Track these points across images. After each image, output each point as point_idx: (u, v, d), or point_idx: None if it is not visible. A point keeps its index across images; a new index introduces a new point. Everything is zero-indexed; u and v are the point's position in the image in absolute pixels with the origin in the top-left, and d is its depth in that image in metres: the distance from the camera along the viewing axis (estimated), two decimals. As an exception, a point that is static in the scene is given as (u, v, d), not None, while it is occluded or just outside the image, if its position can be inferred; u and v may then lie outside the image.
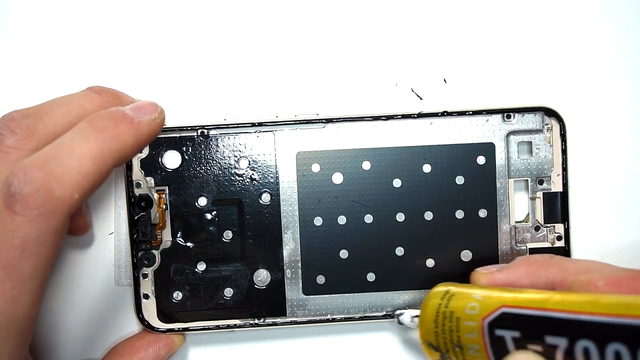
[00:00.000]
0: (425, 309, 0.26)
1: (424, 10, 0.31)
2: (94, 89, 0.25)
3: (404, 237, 0.29)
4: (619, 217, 0.31)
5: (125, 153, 0.22)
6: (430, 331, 0.25)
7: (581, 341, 0.19)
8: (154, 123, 0.23)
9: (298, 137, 0.29)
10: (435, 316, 0.25)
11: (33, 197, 0.19)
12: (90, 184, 0.21)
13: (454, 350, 0.24)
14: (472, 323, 0.23)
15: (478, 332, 0.23)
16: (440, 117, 0.29)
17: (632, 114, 0.31)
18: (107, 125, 0.21)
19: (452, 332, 0.24)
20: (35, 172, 0.20)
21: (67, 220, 0.20)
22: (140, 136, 0.22)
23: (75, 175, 0.20)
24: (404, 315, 0.28)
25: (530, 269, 0.25)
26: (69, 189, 0.20)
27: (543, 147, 0.29)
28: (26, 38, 0.30)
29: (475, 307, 0.23)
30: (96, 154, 0.21)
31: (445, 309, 0.24)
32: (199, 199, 0.29)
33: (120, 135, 0.22)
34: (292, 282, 0.29)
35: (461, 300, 0.24)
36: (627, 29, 0.31)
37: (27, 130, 0.22)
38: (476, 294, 0.24)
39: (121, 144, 0.21)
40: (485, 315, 0.23)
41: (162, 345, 0.28)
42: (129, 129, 0.22)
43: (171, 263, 0.29)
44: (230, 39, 0.30)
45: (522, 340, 0.21)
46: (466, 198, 0.29)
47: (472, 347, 0.23)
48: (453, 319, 0.24)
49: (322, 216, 0.29)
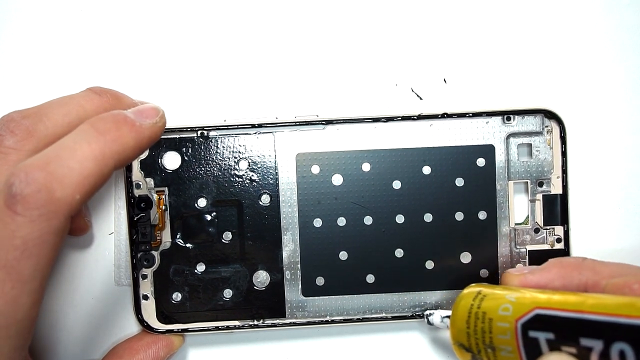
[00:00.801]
0: (456, 310, 0.26)
1: (424, 10, 0.31)
2: (94, 90, 0.25)
3: (403, 239, 0.29)
4: (618, 220, 0.31)
5: (127, 155, 0.22)
6: (462, 332, 0.25)
7: (617, 344, 0.19)
8: (155, 127, 0.23)
9: (298, 138, 0.29)
10: (467, 317, 0.25)
11: (34, 198, 0.19)
12: (91, 185, 0.21)
13: (486, 351, 0.24)
14: (505, 324, 0.23)
15: (511, 333, 0.23)
16: (440, 119, 0.29)
17: (633, 116, 0.31)
18: (109, 128, 0.21)
19: (484, 333, 0.24)
20: (37, 173, 0.20)
21: (67, 221, 0.20)
22: (142, 139, 0.22)
23: (77, 177, 0.20)
24: (433, 316, 0.28)
25: (563, 271, 0.25)
26: (70, 190, 0.20)
27: (543, 149, 0.29)
28: (26, 38, 0.30)
29: (509, 309, 0.23)
30: (97, 155, 0.21)
31: (478, 309, 0.24)
32: (199, 200, 0.29)
33: (121, 137, 0.22)
34: (291, 283, 0.29)
35: (494, 301, 0.24)
36: (626, 31, 0.31)
37: (27, 131, 0.22)
38: (509, 295, 0.24)
39: (122, 146, 0.22)
40: (519, 317, 0.22)
41: (161, 346, 0.28)
42: (131, 132, 0.22)
43: (170, 264, 0.29)
44: (230, 40, 0.30)
45: (556, 342, 0.21)
46: (466, 200, 0.29)
47: (504, 348, 0.23)
48: (485, 320, 0.24)
49: (322, 217, 0.29)
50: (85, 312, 0.30)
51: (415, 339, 0.31)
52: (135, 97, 0.28)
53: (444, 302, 0.29)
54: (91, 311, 0.30)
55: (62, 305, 0.30)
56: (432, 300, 0.29)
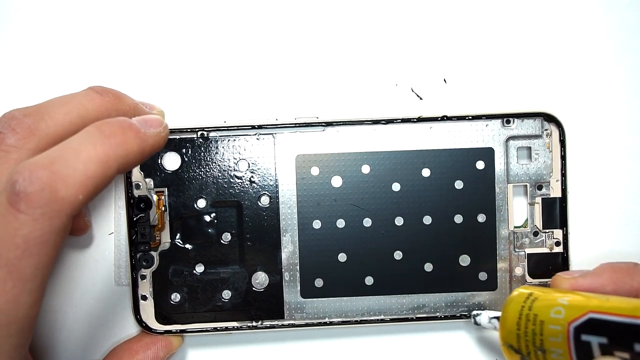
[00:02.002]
0: (506, 311, 0.26)
1: (424, 10, 0.31)
2: (95, 89, 0.25)
3: (402, 241, 0.29)
4: (617, 223, 0.31)
5: (130, 160, 0.22)
6: (512, 333, 0.25)
7: None
8: (158, 136, 0.23)
9: (298, 140, 0.29)
10: (517, 319, 0.25)
11: (37, 196, 0.19)
12: (94, 186, 0.21)
13: (536, 354, 0.24)
14: (557, 327, 0.23)
15: (563, 336, 0.23)
16: (440, 122, 0.29)
17: (632, 121, 0.31)
18: (115, 132, 0.22)
19: (535, 335, 0.24)
20: (41, 172, 0.20)
21: (69, 221, 0.20)
22: (145, 147, 0.23)
23: (80, 177, 0.20)
24: (481, 317, 0.28)
25: (615, 276, 0.25)
26: (74, 190, 0.20)
27: (542, 152, 0.29)
28: (26, 38, 0.30)
29: (561, 312, 0.23)
30: (102, 157, 0.21)
31: (529, 311, 0.24)
32: (198, 200, 0.29)
33: (126, 142, 0.22)
34: (290, 285, 0.29)
35: (545, 304, 0.24)
36: (626, 32, 0.31)
37: (29, 129, 0.22)
38: (561, 299, 0.24)
39: (126, 151, 0.22)
40: (571, 320, 0.23)
41: (160, 347, 0.28)
42: (135, 138, 0.22)
43: (169, 265, 0.29)
44: (231, 41, 0.30)
45: (609, 346, 0.21)
46: (465, 203, 0.29)
47: (555, 350, 0.23)
48: (537, 322, 0.24)
49: (321, 219, 0.29)
50: (85, 312, 0.30)
51: (413, 342, 0.31)
52: (137, 97, 0.28)
53: (442, 304, 0.29)
54: (91, 311, 0.30)
55: (62, 305, 0.30)
56: (431, 303, 0.29)
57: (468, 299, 0.29)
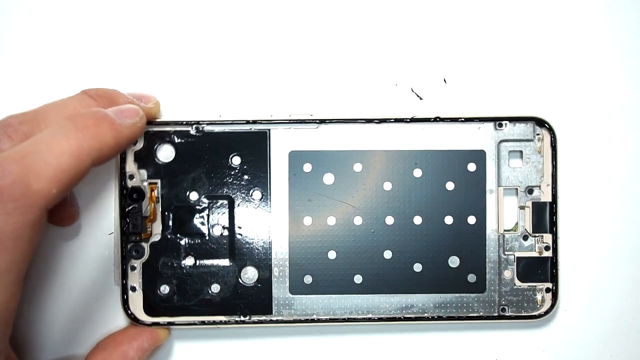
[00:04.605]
0: None
1: (424, 10, 0.31)
2: (89, 93, 0.25)
3: (392, 241, 0.29)
4: (607, 229, 0.31)
5: (105, 153, 0.22)
6: None
7: None
8: (134, 127, 0.24)
9: (291, 136, 0.29)
10: None
11: (9, 190, 0.19)
12: (68, 179, 0.21)
13: None
14: None
15: None
16: (433, 123, 0.29)
17: (624, 127, 0.31)
18: (89, 124, 0.22)
19: None
20: (13, 166, 0.20)
21: (43, 215, 0.20)
22: (121, 138, 0.23)
23: (53, 170, 0.20)
24: None
25: None
26: (46, 184, 0.20)
27: (534, 156, 0.29)
28: (26, 38, 0.30)
29: None
30: (74, 151, 0.21)
31: None
32: (191, 193, 0.29)
33: (100, 135, 0.22)
34: (279, 280, 0.29)
35: None
36: (626, 33, 0.31)
37: (24, 136, 0.22)
38: None
39: (101, 143, 0.22)
40: None
41: (146, 339, 0.28)
42: (110, 130, 0.22)
43: (160, 256, 0.29)
44: (228, 36, 0.31)
45: None
46: (456, 204, 0.29)
47: None
48: None
49: (312, 216, 0.29)
50: (86, 312, 0.30)
51: (400, 342, 0.30)
52: (133, 90, 0.28)
53: (430, 305, 0.29)
54: (91, 311, 0.30)
55: (61, 305, 0.30)
56: (419, 304, 0.29)
57: (457, 301, 0.29)
